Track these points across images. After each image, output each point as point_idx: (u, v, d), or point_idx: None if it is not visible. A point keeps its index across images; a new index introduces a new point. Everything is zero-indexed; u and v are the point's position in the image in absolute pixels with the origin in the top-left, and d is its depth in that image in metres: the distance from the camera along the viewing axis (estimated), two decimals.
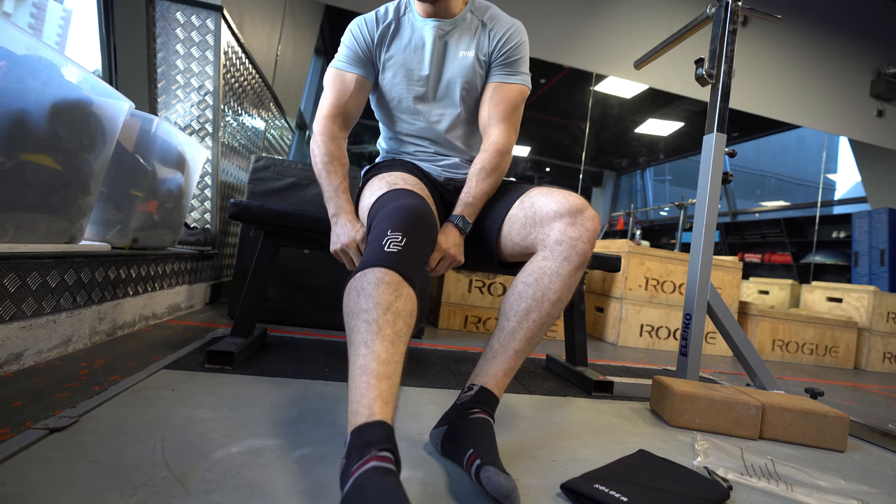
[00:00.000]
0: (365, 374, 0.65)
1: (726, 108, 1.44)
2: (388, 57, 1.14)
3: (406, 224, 0.82)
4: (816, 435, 1.12)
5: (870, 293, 3.13)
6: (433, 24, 1.12)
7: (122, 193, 1.36)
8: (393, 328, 0.70)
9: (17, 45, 0.89)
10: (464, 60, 1.13)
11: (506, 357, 0.86)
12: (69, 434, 0.70)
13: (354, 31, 1.14)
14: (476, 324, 2.47)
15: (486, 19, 1.15)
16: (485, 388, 0.84)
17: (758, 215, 8.64)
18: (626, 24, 3.79)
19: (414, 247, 0.81)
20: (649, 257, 2.71)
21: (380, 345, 0.68)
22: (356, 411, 0.62)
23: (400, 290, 0.74)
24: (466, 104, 1.16)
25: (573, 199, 0.92)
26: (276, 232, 1.33)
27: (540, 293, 0.87)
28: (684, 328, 1.42)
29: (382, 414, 0.61)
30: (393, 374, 0.67)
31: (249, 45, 2.45)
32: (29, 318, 1.01)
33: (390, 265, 0.75)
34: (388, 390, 0.64)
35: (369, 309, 0.71)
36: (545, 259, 0.89)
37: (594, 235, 0.90)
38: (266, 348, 1.41)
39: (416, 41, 1.13)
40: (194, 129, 2.08)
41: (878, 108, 4.39)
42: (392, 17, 1.14)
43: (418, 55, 1.13)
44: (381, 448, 0.57)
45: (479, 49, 1.13)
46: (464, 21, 1.14)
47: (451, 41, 1.13)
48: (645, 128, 7.68)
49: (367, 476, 0.54)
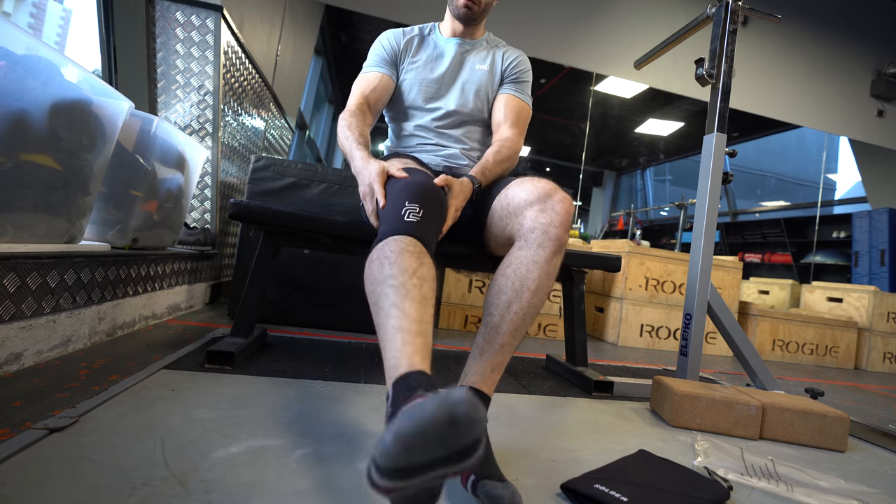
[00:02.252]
0: (400, 333, 0.64)
1: (726, 108, 1.44)
2: (411, 62, 1.29)
3: (423, 197, 0.85)
4: (816, 435, 1.12)
5: (870, 293, 3.13)
6: (456, 41, 1.31)
7: (121, 193, 1.36)
8: (420, 291, 0.70)
9: (17, 44, 0.88)
10: (479, 71, 1.30)
11: (492, 353, 0.83)
12: (69, 434, 0.70)
13: (382, 40, 1.30)
14: (476, 324, 2.47)
15: (500, 46, 1.37)
16: (472, 389, 0.82)
17: (758, 215, 8.64)
18: (626, 24, 3.79)
19: (431, 218, 0.84)
20: (649, 257, 2.71)
21: (410, 305, 0.68)
22: (396, 365, 0.61)
23: (422, 259, 0.76)
24: (473, 104, 1.28)
25: (541, 185, 0.93)
26: (276, 232, 1.33)
27: (518, 283, 0.85)
28: (684, 328, 1.42)
29: (423, 365, 0.61)
30: (426, 333, 0.66)
31: (249, 45, 2.45)
32: (29, 318, 1.01)
33: (411, 233, 0.78)
34: (424, 346, 0.64)
35: (395, 274, 0.71)
36: (520, 248, 0.89)
37: (566, 218, 0.90)
38: (266, 348, 1.41)
39: (437, 52, 1.31)
40: (194, 129, 2.08)
41: (878, 107, 4.38)
42: (417, 33, 1.33)
43: (438, 62, 1.30)
44: (428, 390, 0.56)
45: (493, 65, 1.32)
46: (481, 44, 1.34)
47: (469, 57, 1.32)
48: (645, 128, 7.68)
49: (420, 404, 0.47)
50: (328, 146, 7.76)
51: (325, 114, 7.48)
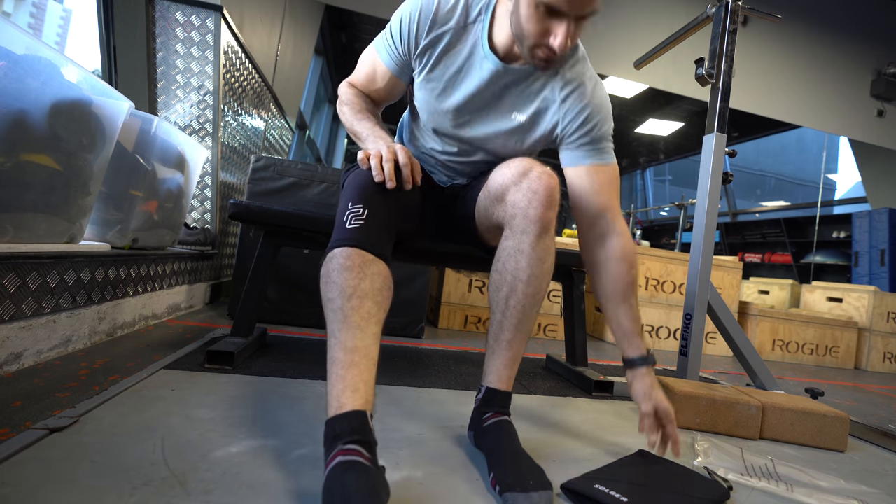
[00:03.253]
0: (334, 366, 0.67)
1: (726, 107, 1.44)
2: (428, 76, 0.96)
3: (366, 194, 0.80)
4: (816, 435, 1.12)
5: (870, 293, 3.13)
6: (497, 65, 0.92)
7: (121, 193, 1.36)
8: (359, 313, 0.70)
9: (17, 44, 0.88)
10: (513, 122, 0.97)
11: (501, 350, 0.85)
12: (69, 434, 0.70)
13: (404, 21, 0.93)
14: (476, 324, 2.47)
15: (557, 76, 0.94)
16: (490, 388, 0.85)
17: (758, 215, 8.64)
18: (626, 24, 3.78)
19: (377, 216, 0.78)
20: (649, 257, 2.71)
21: (346, 333, 0.68)
22: (328, 404, 0.65)
23: (365, 271, 0.73)
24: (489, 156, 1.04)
25: (516, 164, 0.84)
26: (276, 232, 1.33)
27: (510, 277, 0.82)
28: (684, 328, 1.42)
29: (351, 403, 0.63)
30: (362, 360, 0.67)
31: (249, 44, 2.45)
32: (29, 318, 1.01)
33: (352, 243, 0.74)
34: (357, 377, 0.65)
35: (334, 298, 0.71)
36: (506, 238, 0.84)
37: (547, 195, 0.80)
38: (266, 348, 1.41)
39: (466, 68, 0.94)
40: (194, 129, 2.08)
41: (878, 107, 4.38)
42: (459, 20, 0.91)
43: (460, 86, 0.95)
44: (346, 441, 0.60)
45: (538, 117, 0.96)
46: (530, 78, 0.94)
47: (507, 94, 0.95)
48: (645, 128, 7.68)
49: (332, 474, 0.57)
50: (328, 146, 7.76)
51: (325, 114, 7.48)
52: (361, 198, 0.79)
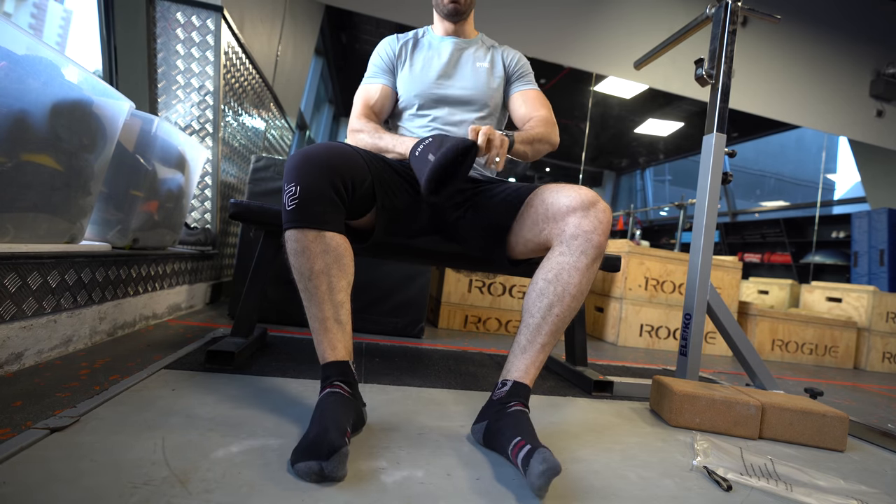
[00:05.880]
0: (315, 333, 0.87)
1: (726, 108, 1.44)
2: (406, 62, 1.29)
3: (297, 170, 0.86)
4: (816, 435, 1.12)
5: (869, 293, 3.14)
6: (452, 40, 1.32)
7: (122, 193, 1.36)
8: (320, 290, 0.85)
9: (18, 45, 0.89)
10: (479, 69, 1.29)
11: (533, 351, 0.90)
12: (69, 434, 0.70)
13: (379, 50, 1.31)
14: (476, 324, 2.47)
15: (496, 46, 1.38)
16: (517, 382, 0.89)
17: (757, 215, 8.65)
18: (626, 24, 3.79)
19: (311, 188, 0.85)
20: (649, 257, 2.71)
21: (314, 308, 0.86)
22: (319, 356, 0.87)
23: (313, 250, 0.84)
24: (479, 91, 1.27)
25: (584, 193, 0.95)
26: (276, 232, 1.33)
27: (560, 288, 0.90)
28: (684, 328, 1.42)
29: (332, 356, 0.85)
30: (333, 325, 0.86)
31: (249, 45, 2.46)
32: (29, 318, 1.01)
33: (293, 224, 0.85)
34: (333, 338, 0.86)
35: (298, 279, 0.87)
36: (562, 254, 0.92)
37: (608, 227, 0.93)
38: (266, 348, 1.41)
39: (433, 51, 1.30)
40: (194, 129, 2.08)
41: (877, 108, 4.39)
42: (412, 37, 1.34)
43: (435, 61, 1.28)
44: (333, 380, 0.83)
45: (494, 63, 1.32)
46: (477, 43, 1.35)
47: (466, 54, 1.31)
48: (645, 128, 7.69)
49: (321, 399, 0.80)
50: None
51: (325, 114, 7.48)
52: (293, 176, 0.86)
